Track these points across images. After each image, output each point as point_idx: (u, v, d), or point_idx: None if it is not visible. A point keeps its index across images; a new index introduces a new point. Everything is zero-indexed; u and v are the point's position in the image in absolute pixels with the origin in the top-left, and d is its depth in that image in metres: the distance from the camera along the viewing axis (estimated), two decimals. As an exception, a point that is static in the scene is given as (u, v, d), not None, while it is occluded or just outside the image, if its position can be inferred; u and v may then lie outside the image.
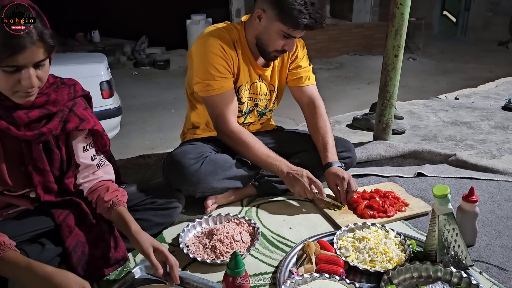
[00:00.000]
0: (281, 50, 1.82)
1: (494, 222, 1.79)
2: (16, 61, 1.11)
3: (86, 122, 1.38)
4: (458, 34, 11.63)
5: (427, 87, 6.58)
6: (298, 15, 1.67)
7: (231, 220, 1.72)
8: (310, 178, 1.80)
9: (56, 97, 1.30)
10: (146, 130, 5.22)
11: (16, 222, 1.32)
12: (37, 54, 1.14)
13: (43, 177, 1.35)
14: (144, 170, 2.33)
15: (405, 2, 2.33)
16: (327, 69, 8.28)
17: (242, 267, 1.18)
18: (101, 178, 1.48)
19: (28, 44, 1.10)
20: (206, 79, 1.78)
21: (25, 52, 1.10)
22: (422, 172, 2.23)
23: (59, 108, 1.32)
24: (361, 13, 9.85)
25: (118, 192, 1.46)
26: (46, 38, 1.14)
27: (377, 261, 1.45)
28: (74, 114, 1.36)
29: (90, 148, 1.46)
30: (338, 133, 2.95)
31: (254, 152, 1.82)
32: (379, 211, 1.80)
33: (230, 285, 1.19)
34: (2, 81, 1.15)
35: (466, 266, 1.43)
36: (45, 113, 1.28)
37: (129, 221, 1.35)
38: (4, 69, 1.12)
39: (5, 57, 1.09)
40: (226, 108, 1.82)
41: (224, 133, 1.84)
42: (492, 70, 7.52)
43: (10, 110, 1.23)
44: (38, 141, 1.31)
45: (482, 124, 3.17)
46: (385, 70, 2.49)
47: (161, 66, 8.62)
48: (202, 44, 1.80)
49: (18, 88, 1.17)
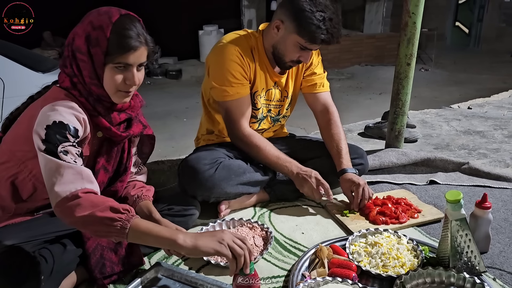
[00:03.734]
0: (296, 60, 1.85)
1: (507, 229, 1.78)
2: (127, 59, 1.26)
3: (148, 128, 1.52)
4: (471, 45, 11.57)
5: (439, 97, 6.55)
6: (316, 30, 1.70)
7: (244, 225, 1.74)
8: (318, 179, 1.82)
9: (134, 104, 1.44)
10: (158, 138, 5.20)
11: (42, 221, 1.36)
12: (143, 55, 1.31)
13: (104, 178, 1.44)
14: (158, 176, 2.36)
15: (417, 11, 2.35)
16: (339, 80, 8.29)
17: (251, 266, 1.21)
18: (133, 179, 1.62)
19: (139, 45, 1.27)
20: (223, 84, 1.82)
21: (135, 52, 1.27)
22: (434, 179, 2.23)
23: (135, 114, 1.45)
24: (372, 24, 9.86)
25: (144, 188, 1.57)
26: (150, 43, 1.32)
27: (389, 266, 1.46)
28: (139, 120, 1.49)
29: (134, 155, 1.59)
30: (350, 141, 2.93)
31: (265, 154, 1.86)
32: (392, 217, 1.80)
33: (239, 285, 1.21)
34: (110, 79, 1.28)
35: (479, 272, 1.42)
36: (128, 116, 1.42)
37: (153, 212, 1.48)
38: (116, 66, 1.27)
39: (119, 55, 1.25)
40: (240, 114, 1.85)
41: (237, 137, 1.88)
42: (505, 80, 7.46)
43: (109, 111, 1.36)
44: (121, 142, 1.44)
45: (495, 133, 3.15)
46: (398, 78, 2.50)
47: (173, 76, 8.70)
48: (220, 51, 1.84)
49: (122, 87, 1.31)
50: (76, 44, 1.27)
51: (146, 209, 1.50)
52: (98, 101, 1.32)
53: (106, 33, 1.24)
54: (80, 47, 1.26)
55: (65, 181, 1.14)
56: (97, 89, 1.30)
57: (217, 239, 1.19)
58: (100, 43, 1.24)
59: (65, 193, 1.13)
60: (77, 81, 1.30)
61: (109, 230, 1.14)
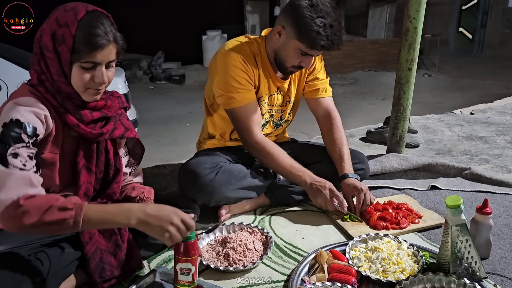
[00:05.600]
0: (297, 66, 1.86)
1: (509, 235, 1.77)
2: (94, 57, 1.25)
3: (130, 131, 1.50)
4: (474, 51, 11.54)
5: (443, 103, 6.53)
6: (316, 36, 1.71)
7: (244, 229, 1.74)
8: (332, 191, 1.81)
9: (111, 103, 1.43)
10: (161, 143, 5.27)
11: None
12: (111, 53, 1.29)
13: (88, 177, 1.43)
14: (159, 180, 2.37)
15: (419, 16, 2.36)
16: (342, 85, 8.29)
17: (192, 234, 1.28)
18: (130, 181, 1.61)
19: (106, 43, 1.25)
20: (229, 91, 1.82)
21: (103, 50, 1.25)
22: (436, 185, 2.22)
23: (112, 114, 1.44)
24: (375, 30, 9.87)
25: (144, 189, 1.57)
26: (118, 40, 1.29)
27: (389, 271, 1.45)
28: (121, 122, 1.48)
29: (125, 156, 1.58)
30: (352, 146, 2.93)
31: (278, 162, 1.85)
32: (392, 223, 1.80)
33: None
34: (78, 77, 1.27)
35: (480, 278, 1.42)
36: (103, 115, 1.41)
37: None
38: (83, 65, 1.25)
39: (86, 53, 1.23)
40: (250, 120, 1.85)
41: (249, 144, 1.87)
42: (509, 86, 7.44)
43: (79, 108, 1.34)
44: (96, 141, 1.42)
45: (498, 139, 3.14)
46: (399, 83, 2.50)
47: (177, 80, 8.73)
48: (223, 57, 1.84)
49: (91, 85, 1.29)
50: (43, 41, 1.26)
51: None
52: (68, 99, 1.31)
53: (71, 30, 1.22)
54: (47, 44, 1.25)
55: (7, 188, 1.13)
56: (66, 87, 1.29)
57: (162, 225, 1.21)
58: (66, 41, 1.22)
59: (8, 201, 1.11)
60: (45, 78, 1.28)
61: (62, 228, 1.15)
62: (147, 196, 1.55)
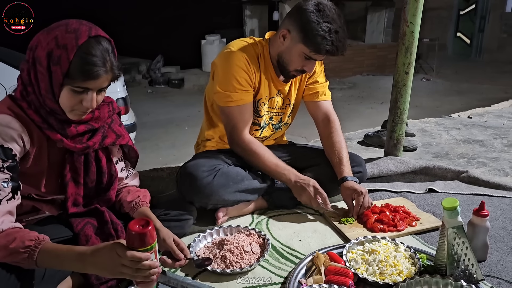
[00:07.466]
0: (300, 70, 1.87)
1: (506, 238, 1.77)
2: (87, 84, 1.23)
3: (121, 138, 1.49)
4: (472, 55, 11.57)
5: (441, 107, 6.55)
6: (321, 40, 1.72)
7: (241, 232, 1.74)
8: (316, 188, 1.82)
9: (99, 114, 1.40)
10: (160, 146, 5.28)
11: (36, 229, 1.36)
12: (105, 82, 1.27)
13: (76, 189, 1.43)
14: (157, 183, 2.37)
15: (415, 20, 2.37)
16: (340, 89, 8.31)
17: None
18: (125, 184, 1.61)
19: (102, 73, 1.23)
20: (227, 90, 1.83)
21: (97, 80, 1.23)
22: (433, 188, 2.22)
23: (100, 124, 1.42)
24: (374, 34, 9.90)
25: (140, 193, 1.56)
26: (115, 70, 1.28)
27: (386, 273, 1.45)
28: (112, 130, 1.47)
29: (120, 161, 1.57)
30: (350, 149, 2.92)
31: (263, 161, 1.86)
32: (389, 225, 1.80)
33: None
34: (67, 99, 1.25)
35: (476, 280, 1.42)
36: (89, 128, 1.38)
37: (152, 219, 1.46)
38: (74, 89, 1.23)
39: (79, 80, 1.21)
40: (241, 120, 1.86)
41: (236, 143, 1.88)
42: (507, 91, 7.45)
43: (63, 123, 1.31)
44: (82, 153, 1.40)
45: (495, 142, 3.15)
46: (396, 87, 2.51)
47: (176, 84, 8.75)
48: (227, 56, 1.85)
49: (78, 107, 1.28)
50: (37, 54, 1.22)
51: (144, 216, 1.49)
52: (51, 114, 1.28)
53: (69, 55, 1.19)
54: (41, 60, 1.21)
55: None
56: (51, 103, 1.26)
57: (115, 274, 1.14)
58: (61, 64, 1.19)
59: None
60: (31, 90, 1.25)
61: (18, 262, 1.15)
62: (143, 200, 1.55)
